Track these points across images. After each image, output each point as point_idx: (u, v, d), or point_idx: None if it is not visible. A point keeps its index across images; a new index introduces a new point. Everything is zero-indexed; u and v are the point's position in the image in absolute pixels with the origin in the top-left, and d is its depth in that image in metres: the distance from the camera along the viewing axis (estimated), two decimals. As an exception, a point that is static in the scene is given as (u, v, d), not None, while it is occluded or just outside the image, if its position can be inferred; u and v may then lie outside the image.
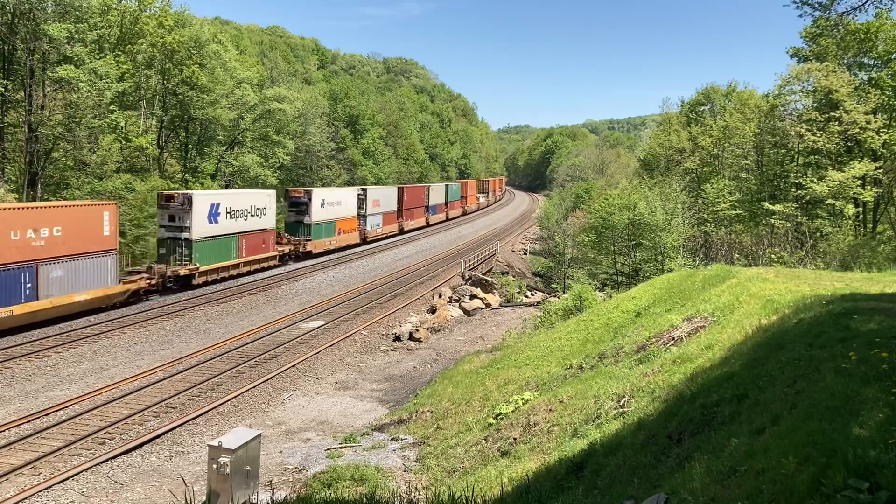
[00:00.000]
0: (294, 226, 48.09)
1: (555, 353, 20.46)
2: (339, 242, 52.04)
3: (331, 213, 50.36)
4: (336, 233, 51.40)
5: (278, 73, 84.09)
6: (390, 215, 63.43)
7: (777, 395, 7.36)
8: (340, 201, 52.05)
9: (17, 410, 18.70)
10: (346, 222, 53.05)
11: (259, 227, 40.67)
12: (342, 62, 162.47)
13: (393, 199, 64.52)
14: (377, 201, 59.46)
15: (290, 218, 48.41)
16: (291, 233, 47.29)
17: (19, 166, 39.70)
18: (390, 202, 63.68)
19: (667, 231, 40.70)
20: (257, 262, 40.65)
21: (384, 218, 61.51)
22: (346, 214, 53.10)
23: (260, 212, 40.66)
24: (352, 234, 54.33)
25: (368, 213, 57.30)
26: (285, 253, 44.59)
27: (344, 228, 52.63)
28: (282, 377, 23.49)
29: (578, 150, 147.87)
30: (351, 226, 54.06)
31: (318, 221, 48.62)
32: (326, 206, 49.42)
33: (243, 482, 12.81)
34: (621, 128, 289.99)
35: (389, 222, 63.15)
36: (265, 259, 41.53)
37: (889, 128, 37.87)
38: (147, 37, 46.82)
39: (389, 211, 63.04)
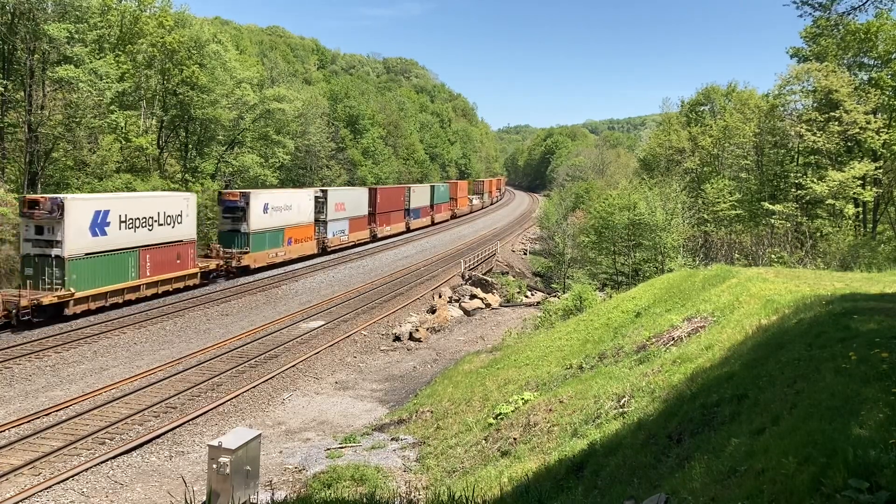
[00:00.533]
0: (229, 235, 40.21)
1: (555, 353, 20.46)
2: (290, 254, 44.90)
3: (277, 219, 42.99)
4: (284, 242, 43.99)
5: (278, 73, 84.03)
6: (359, 220, 56.13)
7: (777, 395, 7.36)
8: (291, 205, 44.55)
9: (17, 410, 18.70)
10: (298, 230, 45.57)
11: (171, 238, 33.25)
12: (342, 62, 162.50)
13: (363, 201, 57.42)
14: (341, 204, 52.43)
15: (225, 226, 40.43)
16: (226, 244, 39.84)
17: (19, 166, 39.69)
18: (359, 205, 56.41)
19: (667, 231, 40.71)
20: (168, 282, 33.17)
21: (351, 224, 54.30)
22: (299, 220, 45.73)
23: (172, 219, 33.28)
24: (306, 243, 47.05)
25: (330, 218, 50.23)
26: (212, 269, 37.37)
27: (296, 237, 45.35)
28: (282, 377, 23.50)
29: (578, 150, 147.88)
30: (305, 234, 46.71)
31: (259, 230, 40.93)
32: (271, 211, 42.14)
33: (243, 482, 12.81)
34: (621, 128, 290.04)
35: (358, 228, 55.85)
36: (180, 278, 34.13)
37: (889, 128, 37.86)
38: (147, 37, 46.79)
39: (358, 216, 55.81)
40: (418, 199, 72.54)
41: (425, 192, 76.72)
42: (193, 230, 35.44)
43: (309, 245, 47.51)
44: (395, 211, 65.11)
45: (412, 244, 61.54)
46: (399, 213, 66.33)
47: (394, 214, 64.58)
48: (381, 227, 60.94)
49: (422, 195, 74.68)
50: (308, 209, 47.01)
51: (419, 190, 75.18)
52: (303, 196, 47.16)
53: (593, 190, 74.89)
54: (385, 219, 62.00)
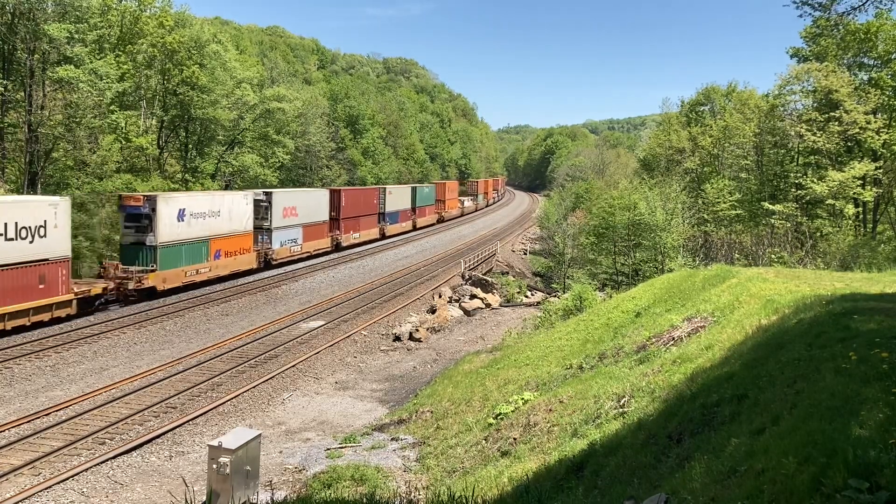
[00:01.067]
0: (132, 250, 32.71)
1: (555, 353, 20.46)
2: (217, 270, 36.92)
3: (199, 228, 35.15)
4: (209, 256, 36.12)
5: (278, 73, 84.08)
6: (317, 228, 48.33)
7: (777, 395, 7.36)
8: (219, 211, 36.81)
9: (17, 410, 18.70)
10: (230, 240, 37.84)
11: (29, 257, 25.68)
12: (342, 62, 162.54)
13: (322, 205, 49.63)
14: (291, 209, 44.77)
15: (128, 238, 33.06)
16: (129, 260, 32.37)
17: (19, 166, 39.70)
18: (317, 210, 48.73)
19: (667, 231, 40.72)
20: (22, 314, 25.34)
21: (307, 231, 46.68)
22: (232, 229, 37.92)
23: (30, 232, 25.80)
24: (242, 256, 39.02)
25: (276, 225, 42.90)
26: (95, 295, 29.30)
27: (227, 249, 37.59)
28: (282, 377, 23.50)
29: (578, 150, 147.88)
30: (240, 245, 38.87)
31: (170, 242, 33.17)
32: (190, 218, 34.49)
33: (243, 482, 12.81)
34: (621, 128, 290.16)
35: (315, 236, 48.15)
36: (43, 308, 26.29)
37: (889, 128, 37.88)
38: (147, 37, 46.82)
39: (315, 222, 47.98)
40: (396, 201, 65.99)
41: (405, 194, 69.81)
42: (66, 245, 27.85)
43: (246, 259, 39.53)
44: (366, 215, 57.89)
45: (412, 244, 61.53)
46: (371, 217, 59.09)
47: (364, 219, 57.25)
48: (347, 235, 53.69)
49: (400, 197, 67.94)
50: (244, 215, 39.22)
51: (397, 192, 67.79)
52: (236, 200, 39.04)
53: (593, 190, 74.87)
54: (352, 224, 54.74)
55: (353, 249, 53.08)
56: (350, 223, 54.38)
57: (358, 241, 56.04)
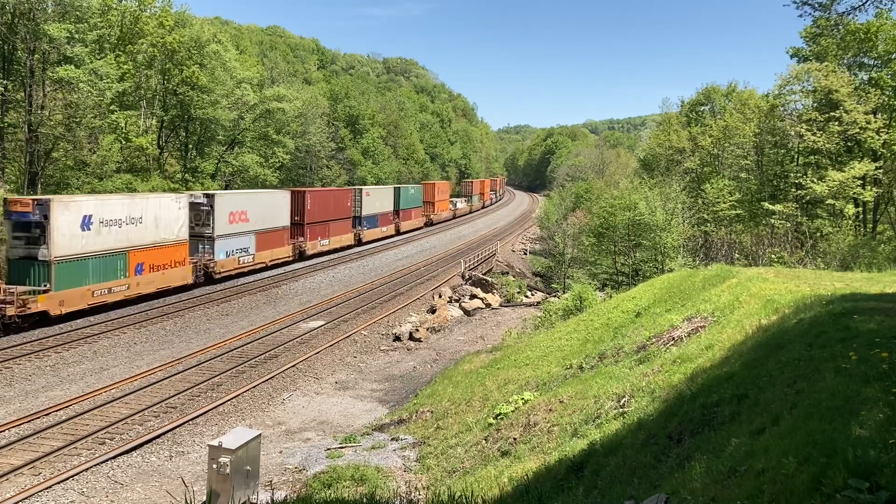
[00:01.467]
0: (21, 265, 26.76)
1: (555, 353, 20.46)
2: (140, 287, 30.86)
3: (113, 237, 29.45)
4: (128, 271, 30.18)
5: (278, 73, 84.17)
6: (274, 234, 42.38)
7: (777, 395, 7.36)
8: (141, 216, 30.70)
9: (17, 410, 18.70)
10: (157, 252, 31.91)
11: None
12: (342, 62, 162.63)
13: (282, 208, 43.61)
14: (241, 213, 38.60)
15: (15, 251, 26.98)
16: (19, 277, 26.45)
17: (19, 166, 39.71)
18: (275, 214, 42.54)
19: (667, 231, 40.72)
20: None
21: (261, 239, 40.72)
22: (160, 238, 32.12)
23: None
24: (173, 270, 33.08)
25: (220, 232, 36.68)
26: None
27: (153, 262, 31.69)
28: (282, 377, 23.50)
29: (578, 150, 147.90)
30: (171, 256, 32.98)
31: (70, 255, 27.35)
32: (100, 226, 28.70)
33: (243, 482, 12.81)
34: (621, 128, 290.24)
35: (272, 245, 42.13)
36: None
37: (889, 128, 37.88)
38: (147, 37, 46.83)
39: (272, 228, 42.03)
40: (375, 203, 59.93)
41: (386, 196, 64.13)
42: None
43: (178, 273, 33.52)
44: (338, 220, 52.02)
45: (412, 244, 61.53)
46: (344, 222, 53.27)
47: (335, 224, 51.41)
48: (313, 242, 48.04)
49: (380, 199, 61.97)
50: (175, 222, 33.20)
51: (376, 193, 61.76)
52: (165, 204, 32.75)
53: (593, 190, 74.89)
54: (321, 230, 49.02)
55: (322, 258, 48.34)
56: (317, 228, 48.56)
57: (327, 248, 50.24)
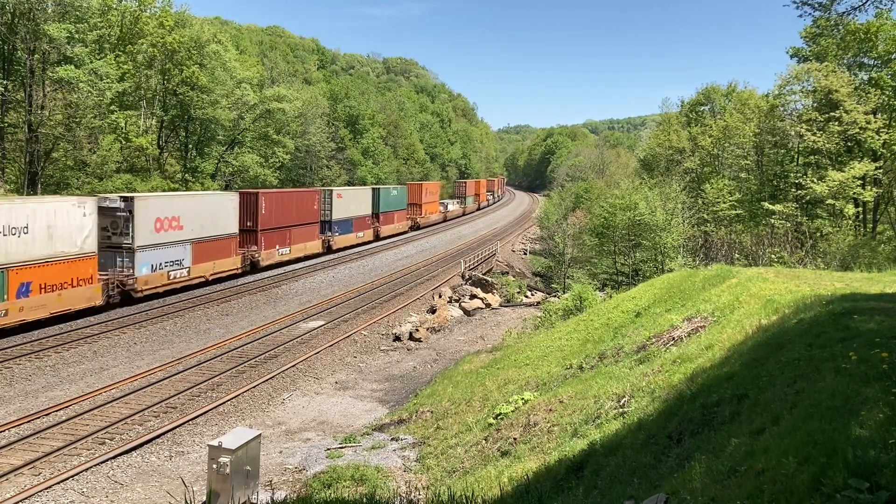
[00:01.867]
0: None
1: (555, 353, 20.46)
2: (26, 312, 24.93)
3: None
4: (9, 294, 24.22)
5: (278, 73, 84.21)
6: (218, 244, 35.77)
7: (777, 395, 7.36)
8: (28, 224, 24.89)
9: (17, 410, 18.70)
10: (52, 269, 25.91)
11: None
12: (342, 62, 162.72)
13: (227, 213, 36.86)
14: (172, 220, 32.40)
15: None
16: None
17: (19, 166, 39.73)
18: (218, 220, 35.87)
19: (667, 231, 40.73)
20: None
21: (199, 250, 34.15)
22: (54, 252, 26.02)
23: None
24: (77, 290, 27.14)
25: (141, 242, 30.50)
26: None
27: (47, 281, 25.73)
28: (282, 377, 23.50)
29: (578, 150, 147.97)
30: (74, 273, 27.03)
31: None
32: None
33: (243, 482, 12.81)
34: (621, 128, 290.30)
35: (214, 255, 35.52)
36: None
37: (889, 128, 37.90)
38: (147, 37, 46.86)
39: (215, 236, 35.45)
40: (349, 206, 53.63)
41: (362, 198, 57.51)
42: None
43: (82, 293, 27.48)
44: (302, 225, 45.62)
45: (412, 244, 61.54)
46: (309, 227, 46.78)
47: (298, 230, 45.14)
48: (270, 251, 41.79)
49: (355, 202, 55.33)
50: (79, 231, 27.22)
51: (350, 195, 55.29)
52: (62, 210, 26.67)
53: (593, 190, 74.90)
54: (279, 237, 42.69)
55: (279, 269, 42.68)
56: (274, 236, 42.21)
57: (287, 257, 44.01)
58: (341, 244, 52.38)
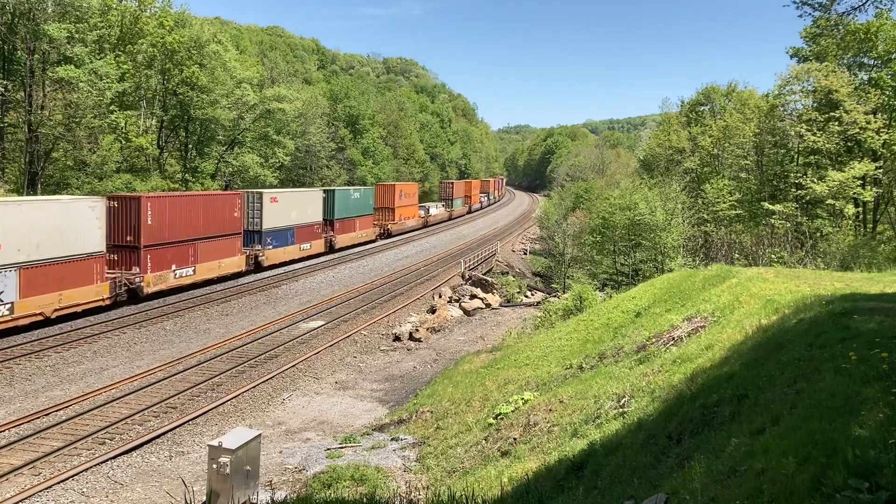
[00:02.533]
0: None
1: (555, 353, 20.46)
2: None
3: None
4: None
5: (278, 73, 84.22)
6: (69, 267, 26.79)
7: (777, 395, 7.36)
8: None
9: (17, 410, 18.70)
10: None
11: None
12: (342, 62, 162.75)
13: (85, 225, 27.58)
14: None
15: None
16: None
17: (19, 166, 39.74)
18: (68, 235, 26.67)
19: (667, 231, 40.72)
20: None
21: (32, 277, 25.19)
22: None
23: None
24: None
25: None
26: None
27: None
28: (282, 377, 23.50)
29: (578, 150, 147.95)
30: None
31: None
32: None
33: (243, 482, 12.81)
34: (621, 128, 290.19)
35: (65, 283, 26.65)
36: None
37: (889, 128, 37.86)
38: (147, 37, 46.87)
39: (63, 258, 26.49)
40: (287, 212, 43.63)
41: (308, 202, 46.82)
42: None
43: None
44: (213, 238, 35.58)
45: (412, 244, 61.53)
46: (225, 241, 36.90)
47: (207, 245, 35.15)
48: (160, 273, 31.87)
49: (298, 207, 45.27)
50: None
51: (290, 199, 44.82)
52: None
53: (593, 190, 74.88)
54: (177, 254, 33.07)
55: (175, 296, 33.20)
56: (169, 252, 32.46)
57: (190, 279, 34.13)
58: (274, 259, 42.77)
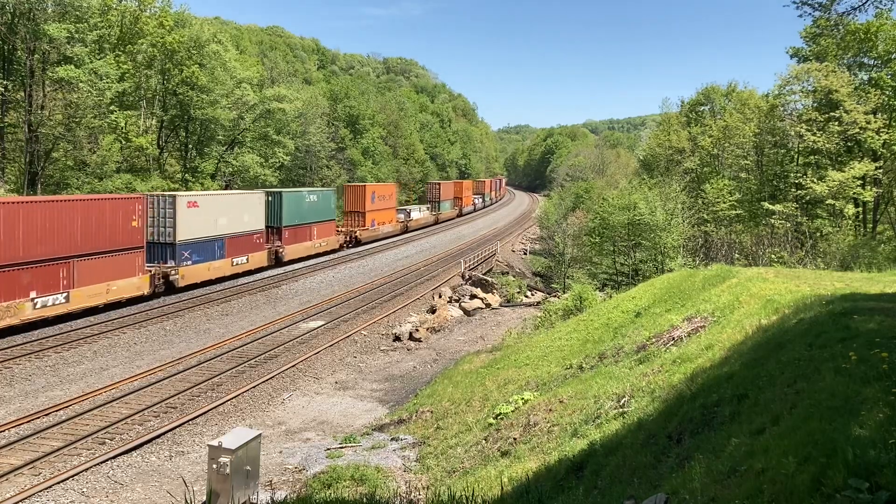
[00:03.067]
0: None
1: (555, 353, 20.46)
2: None
3: None
4: None
5: (278, 73, 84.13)
6: None
7: (777, 395, 7.36)
8: None
9: (17, 410, 18.70)
10: None
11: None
12: (342, 62, 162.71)
13: None
14: None
15: None
16: None
17: (19, 166, 39.74)
18: None
19: (667, 231, 40.70)
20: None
21: None
22: None
23: None
24: None
25: None
26: None
27: None
28: (282, 377, 23.50)
29: (578, 150, 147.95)
30: None
31: None
32: None
33: (243, 482, 12.81)
34: (621, 128, 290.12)
35: None
36: None
37: (889, 128, 37.86)
38: (147, 37, 46.85)
39: None
40: (214, 220, 35.47)
41: (247, 207, 38.66)
42: None
43: None
44: (98, 255, 28.14)
45: (412, 244, 61.51)
46: (119, 257, 29.33)
47: (90, 263, 27.81)
48: (10, 302, 24.34)
49: (230, 213, 36.89)
50: None
51: (219, 203, 36.37)
52: None
53: (593, 190, 74.86)
54: (40, 277, 25.61)
55: None
56: (23, 276, 24.92)
57: (59, 309, 26.54)
58: (197, 277, 34.54)
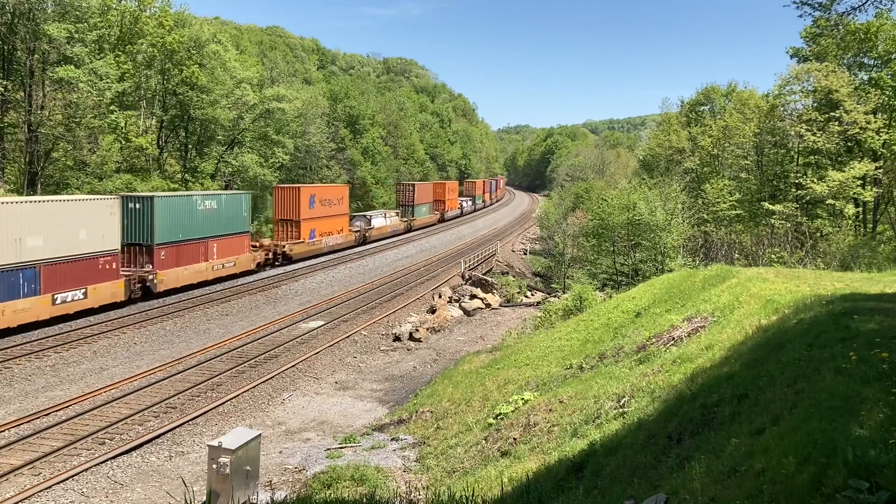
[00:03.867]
0: None
1: (555, 353, 20.46)
2: None
3: None
4: None
5: (278, 73, 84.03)
6: None
7: (777, 395, 7.36)
8: None
9: (17, 410, 18.70)
10: None
11: None
12: (342, 62, 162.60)
13: None
14: None
15: None
16: None
17: (19, 166, 39.73)
18: None
19: (667, 231, 40.70)
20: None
21: None
22: None
23: None
24: None
25: None
26: None
27: None
28: (282, 377, 23.49)
29: (578, 150, 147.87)
30: None
31: None
32: None
33: (243, 482, 12.80)
34: (621, 128, 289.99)
35: None
36: None
37: (889, 128, 37.85)
38: (147, 37, 46.81)
39: None
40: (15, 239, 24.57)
41: (84, 219, 27.84)
42: None
43: None
44: None
45: (412, 244, 61.51)
46: None
47: None
48: None
49: (45, 228, 25.87)
50: None
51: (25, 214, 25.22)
52: None
53: (593, 190, 74.84)
54: None
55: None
56: None
57: None
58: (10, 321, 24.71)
